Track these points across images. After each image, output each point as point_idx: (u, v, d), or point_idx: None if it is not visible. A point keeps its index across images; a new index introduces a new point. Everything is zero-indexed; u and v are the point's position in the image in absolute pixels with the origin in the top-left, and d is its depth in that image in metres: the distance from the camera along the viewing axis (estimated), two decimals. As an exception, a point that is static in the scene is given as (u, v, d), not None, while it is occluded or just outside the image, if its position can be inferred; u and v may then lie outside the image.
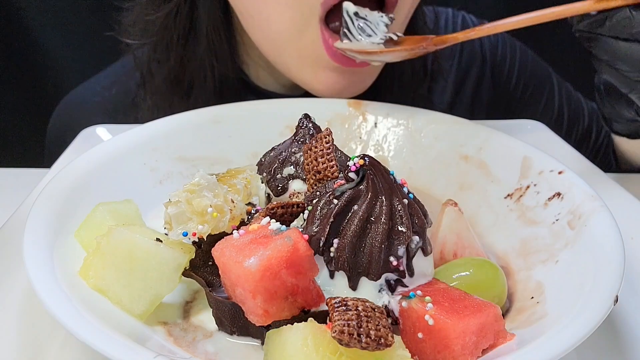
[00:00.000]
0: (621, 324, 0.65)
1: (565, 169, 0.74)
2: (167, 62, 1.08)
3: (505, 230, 0.75)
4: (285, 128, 0.92)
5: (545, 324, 0.56)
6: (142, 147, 0.83)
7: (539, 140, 0.98)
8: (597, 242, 0.62)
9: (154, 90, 1.11)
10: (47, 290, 0.53)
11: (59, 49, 1.78)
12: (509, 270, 0.69)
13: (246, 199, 0.66)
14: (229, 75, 1.09)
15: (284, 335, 0.51)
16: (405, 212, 0.58)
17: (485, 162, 0.83)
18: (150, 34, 1.06)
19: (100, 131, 1.03)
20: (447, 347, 0.52)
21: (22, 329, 0.62)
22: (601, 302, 0.53)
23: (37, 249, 0.59)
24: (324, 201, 0.59)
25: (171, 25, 1.04)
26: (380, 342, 0.48)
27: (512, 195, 0.77)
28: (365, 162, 0.58)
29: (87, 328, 0.50)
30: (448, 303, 0.54)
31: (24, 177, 1.04)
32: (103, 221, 0.64)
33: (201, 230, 0.59)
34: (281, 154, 0.72)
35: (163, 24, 1.04)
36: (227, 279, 0.54)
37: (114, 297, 0.58)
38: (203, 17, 1.03)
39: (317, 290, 0.55)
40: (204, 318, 0.62)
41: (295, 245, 0.52)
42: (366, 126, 0.94)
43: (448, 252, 0.68)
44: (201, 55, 1.05)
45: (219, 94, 1.09)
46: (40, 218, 0.64)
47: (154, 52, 1.08)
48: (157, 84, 1.10)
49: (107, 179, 0.76)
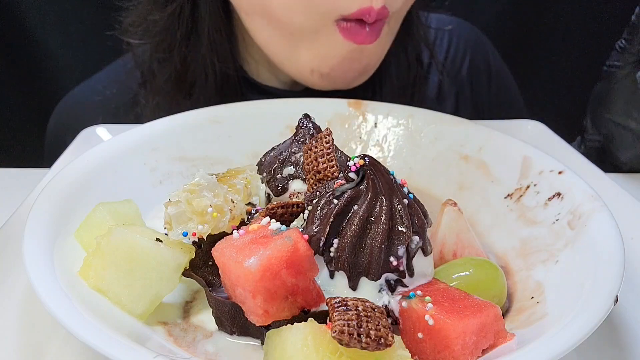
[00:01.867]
0: (621, 324, 0.65)
1: (565, 169, 0.74)
2: (169, 62, 1.08)
3: (505, 230, 0.75)
4: (285, 128, 0.92)
5: (545, 324, 0.56)
6: (142, 147, 0.83)
7: (539, 140, 0.98)
8: (597, 242, 0.62)
9: (156, 90, 1.12)
10: (47, 290, 0.53)
11: (59, 49, 1.78)
12: (509, 270, 0.69)
13: (246, 199, 0.66)
14: (230, 73, 1.10)
15: (284, 335, 0.51)
16: (405, 212, 0.58)
17: (485, 162, 0.84)
18: (152, 34, 1.07)
19: (100, 131, 1.03)
20: (447, 347, 0.52)
21: (22, 329, 0.62)
22: (601, 302, 0.53)
23: (37, 249, 0.59)
24: (324, 201, 0.59)
25: (174, 25, 1.04)
26: (380, 342, 0.48)
27: (512, 195, 0.77)
28: (365, 162, 0.58)
29: (87, 328, 0.50)
30: (448, 303, 0.54)
31: (24, 177, 1.04)
32: (103, 221, 0.64)
33: (201, 230, 0.59)
34: (281, 154, 0.72)
35: (166, 24, 1.05)
36: (227, 279, 0.54)
37: (114, 297, 0.58)
38: (205, 17, 1.03)
39: (317, 290, 0.55)
40: (204, 318, 0.62)
41: (295, 245, 0.52)
42: (366, 126, 0.94)
43: (447, 251, 0.68)
44: (203, 54, 1.06)
45: (221, 92, 1.10)
46: (40, 218, 0.64)
47: (156, 52, 1.09)
48: (159, 84, 1.11)
49: (107, 179, 0.76)
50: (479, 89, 1.34)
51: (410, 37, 1.14)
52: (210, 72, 1.08)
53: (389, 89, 1.16)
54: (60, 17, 1.75)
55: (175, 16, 1.03)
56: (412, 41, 1.15)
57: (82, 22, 1.74)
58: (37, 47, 1.76)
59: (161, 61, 1.10)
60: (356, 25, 0.90)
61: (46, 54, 1.78)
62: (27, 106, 1.83)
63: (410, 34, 1.14)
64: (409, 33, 1.14)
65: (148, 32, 1.07)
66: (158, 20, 1.05)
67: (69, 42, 1.77)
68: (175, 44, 1.06)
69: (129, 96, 1.19)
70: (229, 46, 1.08)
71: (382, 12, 0.88)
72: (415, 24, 1.14)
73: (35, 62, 1.79)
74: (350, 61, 0.96)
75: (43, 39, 1.76)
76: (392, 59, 1.14)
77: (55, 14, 1.74)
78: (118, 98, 1.23)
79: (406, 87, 1.18)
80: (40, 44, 1.76)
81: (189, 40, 1.06)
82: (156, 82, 1.11)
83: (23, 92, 1.82)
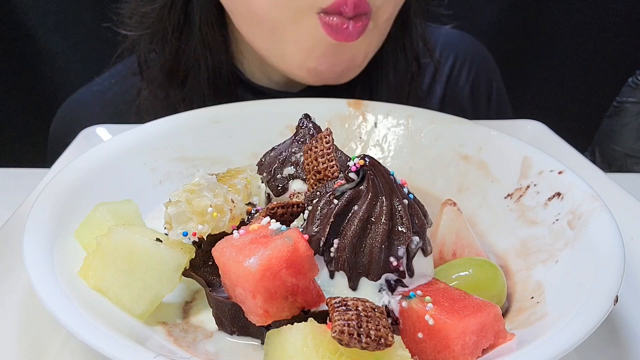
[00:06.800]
0: (621, 324, 0.65)
1: (565, 169, 0.74)
2: (163, 53, 1.11)
3: (505, 230, 0.75)
4: (285, 128, 0.92)
5: (545, 324, 0.56)
6: (142, 147, 0.83)
7: (539, 140, 0.98)
8: (597, 242, 0.62)
9: (150, 79, 1.14)
10: (47, 290, 0.53)
11: (59, 50, 1.78)
12: (509, 270, 0.69)
13: (246, 199, 0.66)
14: (223, 67, 1.12)
15: (284, 335, 0.51)
16: (405, 212, 0.58)
17: (485, 162, 0.83)
18: (146, 25, 1.09)
19: (100, 131, 1.03)
20: (447, 347, 0.52)
21: (22, 329, 0.62)
22: (601, 302, 0.53)
23: (37, 249, 0.59)
24: (324, 201, 0.59)
25: (166, 17, 1.07)
26: (380, 342, 0.48)
27: (512, 195, 0.77)
28: (365, 163, 0.58)
29: (87, 328, 0.50)
30: (448, 303, 0.54)
31: (24, 177, 1.04)
32: (103, 221, 0.64)
33: (201, 230, 0.59)
34: (281, 154, 0.72)
35: (158, 16, 1.07)
36: (227, 279, 0.54)
37: (113, 297, 0.58)
38: (197, 11, 1.05)
39: (317, 290, 0.55)
40: (204, 318, 0.62)
41: (296, 245, 0.52)
42: (366, 126, 0.94)
43: (447, 251, 0.68)
44: (195, 47, 1.08)
45: (213, 85, 1.12)
46: (40, 218, 0.64)
47: (150, 44, 1.11)
48: (153, 74, 1.13)
49: (107, 179, 0.76)
50: (478, 105, 1.36)
51: (408, 37, 1.15)
52: (202, 65, 1.10)
53: (386, 89, 1.16)
54: (61, 18, 1.75)
55: (167, 9, 1.06)
56: (410, 41, 1.16)
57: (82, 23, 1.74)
58: (37, 48, 1.76)
59: (156, 52, 1.12)
60: (339, 21, 0.90)
61: (46, 54, 1.78)
62: (27, 106, 1.83)
63: (408, 34, 1.14)
64: (406, 33, 1.14)
65: (142, 24, 1.10)
66: (150, 13, 1.07)
67: (69, 42, 1.78)
68: (168, 35, 1.08)
69: (131, 99, 1.20)
70: (221, 41, 1.10)
71: (360, 5, 0.88)
72: (413, 23, 1.15)
73: (35, 62, 1.79)
74: (334, 56, 0.97)
75: (43, 39, 1.76)
76: (390, 59, 1.14)
77: (55, 14, 1.74)
78: (120, 100, 1.24)
79: (404, 86, 1.18)
80: (40, 44, 1.76)
81: (181, 33, 1.08)
82: (151, 72, 1.14)
83: (23, 92, 1.82)
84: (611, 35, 1.91)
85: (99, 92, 1.26)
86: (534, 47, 1.97)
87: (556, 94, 2.00)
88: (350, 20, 0.90)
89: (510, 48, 1.93)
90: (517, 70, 1.92)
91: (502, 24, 1.93)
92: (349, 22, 0.90)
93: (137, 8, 1.09)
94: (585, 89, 1.97)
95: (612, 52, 1.93)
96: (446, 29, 1.33)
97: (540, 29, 1.94)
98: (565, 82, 1.98)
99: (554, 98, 2.00)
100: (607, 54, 1.93)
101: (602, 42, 1.92)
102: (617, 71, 1.93)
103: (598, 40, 1.92)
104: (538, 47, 1.97)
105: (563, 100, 2.00)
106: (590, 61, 1.95)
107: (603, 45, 1.92)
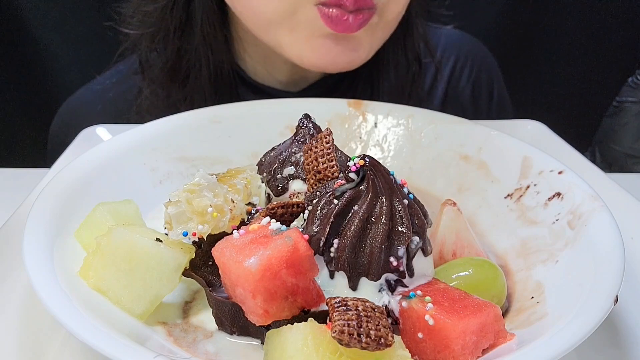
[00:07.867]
0: (621, 324, 0.65)
1: (565, 169, 0.74)
2: (164, 52, 1.11)
3: (505, 230, 0.75)
4: (285, 128, 0.92)
5: (545, 324, 0.56)
6: (142, 147, 0.83)
7: (539, 140, 0.98)
8: (597, 242, 0.62)
9: (152, 79, 1.14)
10: (47, 290, 0.53)
11: (59, 49, 1.78)
12: (509, 270, 0.69)
13: (246, 199, 0.66)
14: (224, 67, 1.11)
15: (284, 335, 0.51)
16: (405, 212, 0.58)
17: (485, 162, 0.83)
18: (147, 24, 1.09)
19: (100, 131, 1.03)
20: (447, 347, 0.52)
21: (22, 329, 0.62)
22: (601, 302, 0.53)
23: (37, 249, 0.59)
24: (324, 201, 0.59)
25: (168, 16, 1.07)
26: (380, 342, 0.48)
27: (512, 195, 0.77)
28: (365, 163, 0.58)
29: (87, 328, 0.50)
30: (448, 303, 0.54)
31: (24, 177, 1.04)
32: (103, 221, 0.64)
33: (201, 230, 0.59)
34: (281, 154, 0.72)
35: (160, 15, 1.07)
36: (227, 279, 0.54)
37: (114, 297, 0.58)
38: (198, 10, 1.05)
39: (317, 290, 0.55)
40: (204, 318, 0.62)
41: (296, 245, 0.52)
42: (366, 126, 0.94)
43: (447, 251, 0.68)
44: (196, 46, 1.08)
45: (215, 84, 1.11)
46: (40, 218, 0.64)
47: (152, 43, 1.11)
48: (155, 73, 1.13)
49: (107, 179, 0.76)
50: (480, 105, 1.36)
51: (409, 37, 1.15)
52: (204, 64, 1.10)
53: (387, 89, 1.16)
54: (61, 18, 1.75)
55: (169, 8, 1.06)
56: (411, 41, 1.16)
57: (82, 22, 1.74)
58: (37, 47, 1.76)
59: (157, 51, 1.12)
60: (338, 13, 0.89)
61: (46, 54, 1.78)
62: (28, 106, 1.83)
63: (409, 34, 1.14)
64: (407, 33, 1.14)
65: (144, 23, 1.10)
66: (152, 12, 1.07)
67: (69, 42, 1.78)
68: (169, 35, 1.08)
69: (132, 98, 1.20)
70: (223, 40, 1.09)
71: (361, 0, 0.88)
72: (414, 24, 1.15)
73: (35, 62, 1.79)
74: (334, 47, 0.95)
75: (43, 39, 1.76)
76: (391, 59, 1.14)
77: (55, 14, 1.74)
78: (120, 100, 1.24)
79: (405, 87, 1.18)
80: (40, 44, 1.76)
81: (183, 32, 1.08)
82: (152, 71, 1.14)
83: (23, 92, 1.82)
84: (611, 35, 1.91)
85: (99, 92, 1.26)
86: (534, 47, 1.97)
87: (556, 94, 2.00)
88: (351, 13, 0.89)
89: (511, 48, 1.93)
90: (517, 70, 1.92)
91: (503, 25, 1.93)
92: (349, 14, 0.89)
93: (139, 7, 1.10)
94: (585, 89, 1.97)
95: (612, 52, 1.93)
96: (447, 29, 1.33)
97: (540, 29, 1.94)
98: (565, 82, 1.98)
99: (554, 98, 2.00)
100: (607, 54, 1.93)
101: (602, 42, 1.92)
102: (617, 71, 1.93)
103: (598, 40, 1.92)
104: (538, 47, 1.97)
105: (563, 100, 2.00)
106: (590, 61, 1.95)
107: (603, 45, 1.92)
